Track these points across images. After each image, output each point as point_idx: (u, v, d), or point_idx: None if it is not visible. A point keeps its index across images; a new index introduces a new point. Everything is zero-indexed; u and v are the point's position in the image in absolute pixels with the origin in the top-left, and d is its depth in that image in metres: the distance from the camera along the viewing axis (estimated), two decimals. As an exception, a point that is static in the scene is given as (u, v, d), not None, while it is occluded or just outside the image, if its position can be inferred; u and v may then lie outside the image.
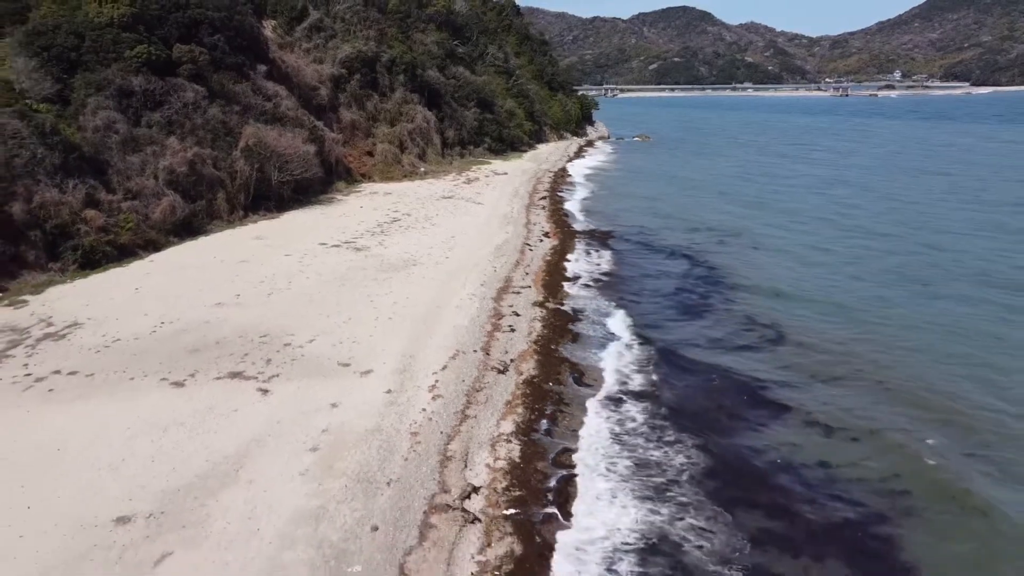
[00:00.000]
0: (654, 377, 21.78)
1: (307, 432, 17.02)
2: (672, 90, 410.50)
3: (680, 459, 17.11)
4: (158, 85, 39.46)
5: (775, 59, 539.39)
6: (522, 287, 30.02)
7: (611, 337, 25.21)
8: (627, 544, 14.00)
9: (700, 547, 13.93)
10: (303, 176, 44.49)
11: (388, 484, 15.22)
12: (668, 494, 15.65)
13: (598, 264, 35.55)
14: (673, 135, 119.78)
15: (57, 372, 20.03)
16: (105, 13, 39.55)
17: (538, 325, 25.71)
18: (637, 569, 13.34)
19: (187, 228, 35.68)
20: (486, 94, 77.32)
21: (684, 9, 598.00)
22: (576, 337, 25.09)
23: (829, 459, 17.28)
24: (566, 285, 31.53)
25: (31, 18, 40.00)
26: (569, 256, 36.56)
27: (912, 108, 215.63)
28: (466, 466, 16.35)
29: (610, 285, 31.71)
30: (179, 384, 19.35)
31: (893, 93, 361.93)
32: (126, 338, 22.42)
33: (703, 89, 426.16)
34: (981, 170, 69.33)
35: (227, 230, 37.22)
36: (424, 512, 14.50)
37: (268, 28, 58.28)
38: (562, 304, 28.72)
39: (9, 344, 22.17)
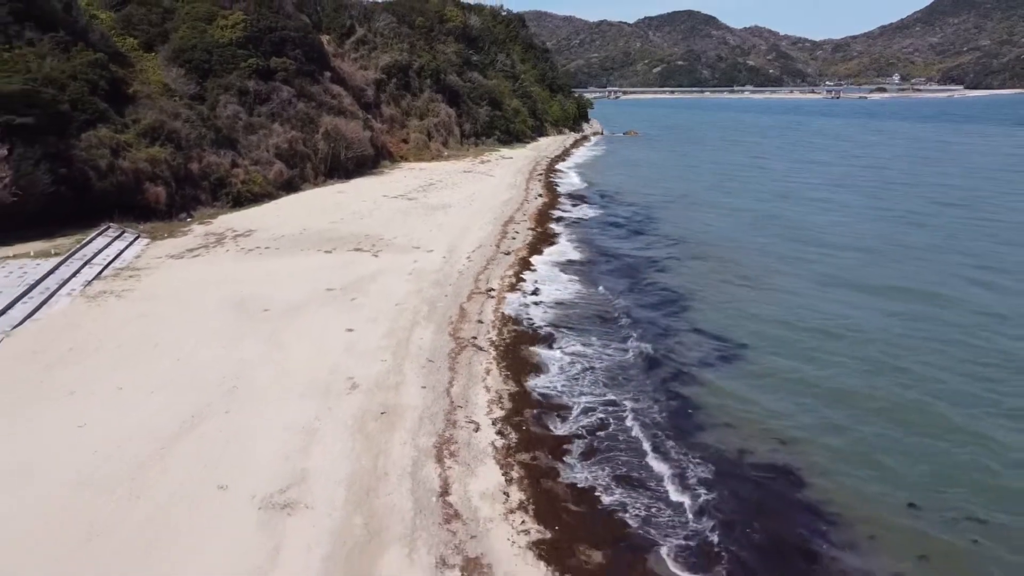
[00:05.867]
0: (593, 259, 37.32)
1: (404, 269, 32.55)
2: (672, 92, 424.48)
3: (597, 287, 32.67)
4: (263, 87, 55.31)
5: (777, 62, 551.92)
6: (520, 221, 45.64)
7: (575, 244, 40.83)
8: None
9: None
10: (361, 154, 60.33)
11: (450, 285, 30.77)
12: (592, 292, 31.23)
13: (574, 213, 51.08)
14: (657, 132, 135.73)
15: (257, 247, 35.78)
16: (226, 35, 55.44)
17: (530, 237, 41.32)
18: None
19: (290, 186, 51.45)
20: (496, 95, 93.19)
21: (689, 13, 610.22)
22: (552, 243, 40.74)
23: (665, 294, 32.74)
24: (550, 223, 47.08)
25: (171, 39, 55.80)
26: (555, 208, 52.15)
27: (862, 108, 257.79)
28: (488, 283, 31.88)
29: (580, 223, 47.28)
30: (329, 252, 35.06)
31: (880, 95, 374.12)
32: (286, 235, 38.17)
33: (702, 91, 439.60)
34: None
35: (315, 188, 53.05)
36: (468, 294, 30.02)
37: (325, 42, 74.03)
38: (547, 230, 44.31)
39: (217, 239, 37.87)
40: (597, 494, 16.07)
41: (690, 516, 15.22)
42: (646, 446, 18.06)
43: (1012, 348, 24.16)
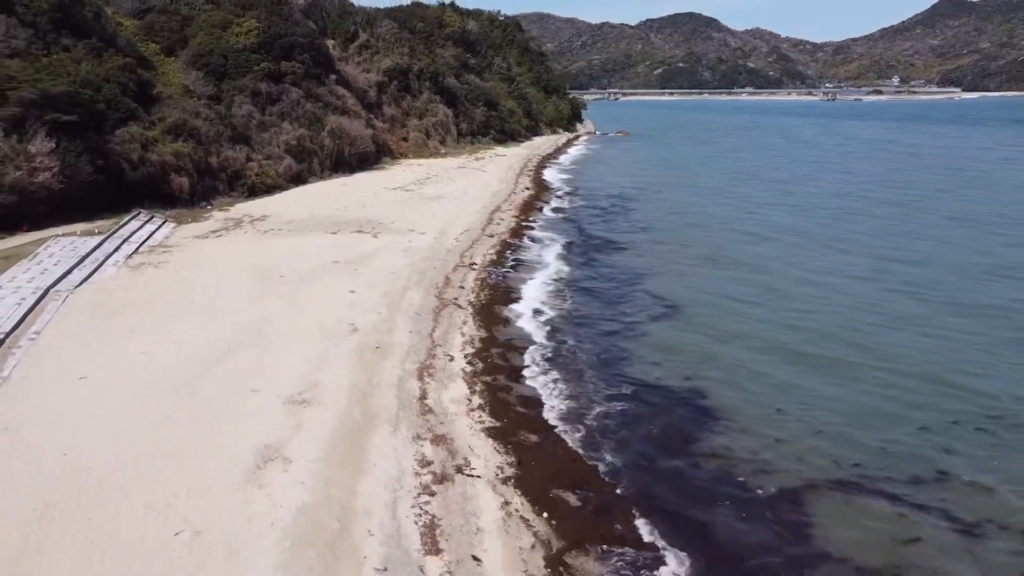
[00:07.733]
0: (567, 241, 42.33)
1: (400, 247, 37.54)
2: (672, 94, 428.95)
3: (568, 262, 37.61)
4: (274, 89, 60.39)
5: (777, 64, 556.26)
6: (507, 210, 50.66)
7: (553, 229, 45.88)
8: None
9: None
10: (364, 151, 65.40)
11: (439, 259, 35.76)
12: (561, 267, 36.19)
13: (557, 203, 56.09)
14: (648, 132, 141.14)
15: (272, 230, 40.81)
16: (240, 41, 60.56)
17: (513, 224, 46.33)
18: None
19: (298, 179, 56.52)
20: (492, 96, 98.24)
21: (691, 15, 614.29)
22: (533, 228, 45.77)
23: (618, 254, 37.68)
24: (534, 212, 52.09)
25: (190, 44, 60.88)
26: (540, 199, 57.17)
27: (850, 109, 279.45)
28: (472, 259, 36.89)
29: (561, 212, 52.33)
30: (334, 233, 40.08)
31: (876, 97, 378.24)
32: (296, 220, 43.22)
33: (701, 93, 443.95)
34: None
35: (321, 181, 58.14)
36: (453, 267, 35.00)
37: (330, 46, 79.13)
38: (530, 217, 49.35)
39: (236, 223, 42.90)
40: (540, 403, 21.05)
41: (608, 419, 20.17)
42: (584, 373, 23.03)
43: (884, 325, 29.17)
